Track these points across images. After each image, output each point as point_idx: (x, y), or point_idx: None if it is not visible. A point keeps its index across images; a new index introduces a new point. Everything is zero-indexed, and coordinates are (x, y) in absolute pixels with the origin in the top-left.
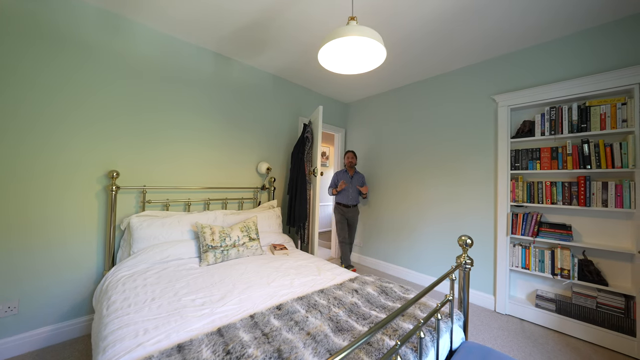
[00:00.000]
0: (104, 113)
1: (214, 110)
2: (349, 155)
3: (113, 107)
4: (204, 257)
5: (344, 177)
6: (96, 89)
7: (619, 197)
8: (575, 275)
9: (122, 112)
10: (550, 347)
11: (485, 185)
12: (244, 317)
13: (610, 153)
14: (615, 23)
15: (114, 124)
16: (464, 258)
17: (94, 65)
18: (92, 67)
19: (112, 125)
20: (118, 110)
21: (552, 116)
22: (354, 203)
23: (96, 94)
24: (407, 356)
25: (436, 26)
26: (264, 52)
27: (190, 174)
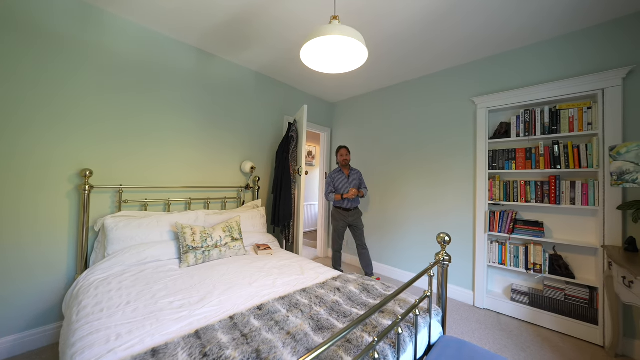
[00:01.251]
0: (76, 109)
1: (196, 107)
2: (343, 151)
3: (86, 103)
4: (184, 259)
5: (340, 178)
6: (68, 84)
7: (585, 195)
8: (547, 269)
9: (97, 109)
10: (524, 338)
11: (465, 184)
12: (224, 318)
13: (577, 154)
14: (582, 32)
15: (87, 121)
16: (442, 255)
17: (66, 59)
18: (65, 60)
19: (85, 122)
20: (92, 107)
21: (526, 118)
22: (356, 205)
23: (69, 89)
24: (386, 352)
25: (419, 29)
26: (247, 48)
27: (170, 173)
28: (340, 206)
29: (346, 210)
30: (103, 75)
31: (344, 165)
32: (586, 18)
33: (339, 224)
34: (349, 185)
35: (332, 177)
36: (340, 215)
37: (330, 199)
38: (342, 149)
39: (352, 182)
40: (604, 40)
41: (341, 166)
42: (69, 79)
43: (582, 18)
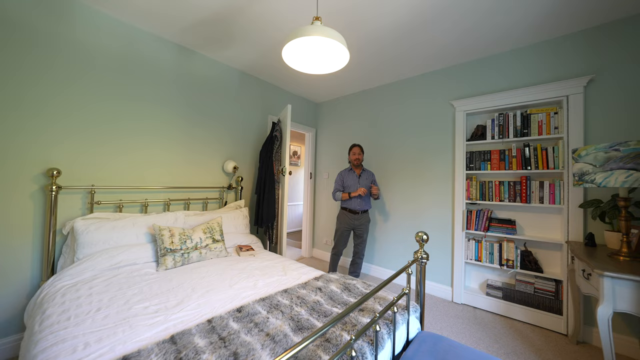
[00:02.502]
0: (44, 105)
1: (176, 104)
2: (355, 150)
3: (55, 100)
4: (162, 261)
5: (350, 178)
6: (39, 76)
7: (552, 194)
8: (518, 264)
9: (67, 105)
10: (497, 330)
11: (445, 184)
12: (201, 322)
13: (545, 156)
14: (551, 41)
15: (55, 118)
16: (420, 253)
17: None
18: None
19: (53, 118)
20: (61, 103)
21: (500, 122)
22: (365, 208)
23: (39, 82)
24: (364, 349)
25: (402, 34)
26: (230, 46)
27: (148, 173)
28: (347, 207)
29: (353, 212)
30: (74, 70)
31: (356, 165)
32: (553, 29)
33: (343, 226)
34: (359, 186)
35: (342, 176)
36: (345, 217)
37: (337, 197)
38: (355, 147)
39: (362, 183)
40: (569, 49)
41: (353, 166)
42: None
43: (550, 28)
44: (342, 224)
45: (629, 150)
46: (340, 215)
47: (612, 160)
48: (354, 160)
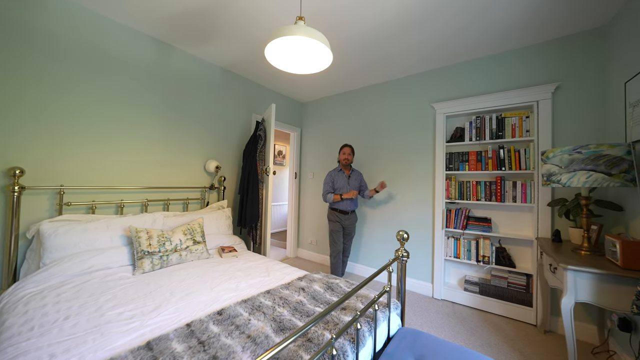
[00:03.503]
0: (9, 102)
1: (154, 101)
2: (346, 150)
3: (22, 92)
4: (139, 265)
5: (340, 179)
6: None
7: (524, 194)
8: (493, 260)
9: (33, 99)
10: (474, 323)
11: (425, 184)
12: (180, 326)
13: (518, 157)
14: (525, 49)
15: (18, 113)
16: (401, 251)
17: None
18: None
19: (16, 114)
20: (29, 96)
21: (477, 124)
22: (353, 208)
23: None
24: (345, 348)
25: (386, 36)
26: (211, 42)
27: (125, 172)
28: (337, 208)
29: (342, 212)
30: (42, 62)
31: (345, 165)
32: (525, 38)
33: (336, 226)
34: (349, 186)
35: (332, 177)
36: (335, 217)
37: (328, 199)
38: (346, 147)
39: (352, 183)
40: (539, 57)
41: (342, 166)
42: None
43: (522, 37)
44: (333, 222)
45: (589, 153)
46: (330, 216)
47: (575, 162)
48: (343, 160)
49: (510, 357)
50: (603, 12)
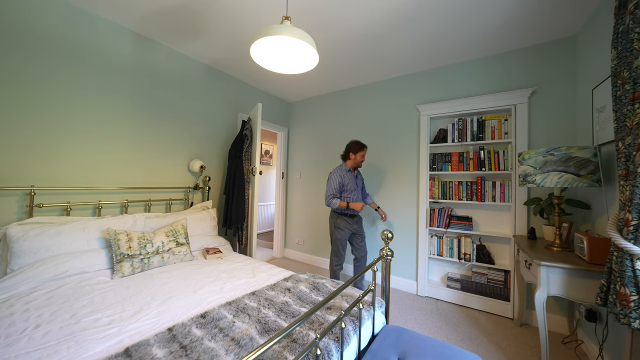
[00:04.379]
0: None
1: (135, 97)
2: (366, 151)
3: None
4: (118, 268)
5: (350, 179)
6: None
7: (502, 193)
8: (474, 258)
9: (5, 96)
10: (456, 319)
11: (410, 183)
12: (161, 331)
13: (497, 158)
14: (507, 54)
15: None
16: (385, 251)
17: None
18: None
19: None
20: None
21: (459, 126)
22: None
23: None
24: (330, 347)
25: (373, 38)
26: (197, 39)
27: (102, 172)
28: (347, 212)
29: (352, 216)
30: (16, 58)
31: (358, 165)
32: (505, 43)
33: (345, 234)
34: (357, 188)
35: (341, 177)
36: (346, 224)
37: (334, 205)
38: (366, 148)
39: (359, 183)
40: (517, 63)
41: (355, 166)
42: None
43: (502, 43)
44: (343, 230)
45: (561, 155)
46: (339, 223)
47: (548, 163)
48: (360, 163)
49: (489, 350)
50: (572, 22)
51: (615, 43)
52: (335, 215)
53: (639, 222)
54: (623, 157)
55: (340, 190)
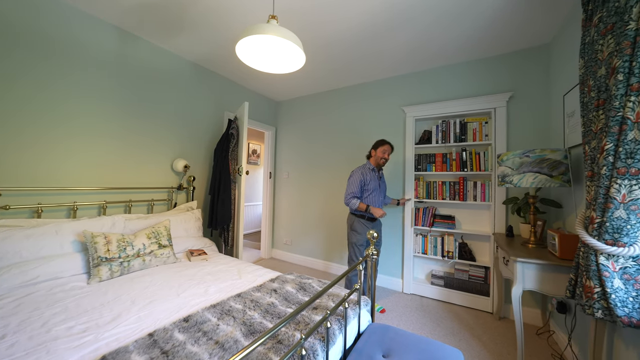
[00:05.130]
0: None
1: (116, 95)
2: (388, 147)
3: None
4: (95, 273)
5: (373, 180)
6: None
7: (483, 193)
8: (457, 255)
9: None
10: (439, 315)
11: (397, 184)
12: (141, 336)
13: (478, 159)
14: (488, 59)
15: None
16: (370, 250)
17: None
18: None
19: None
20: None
21: (443, 128)
22: None
23: None
24: (315, 347)
25: (360, 40)
26: (182, 35)
27: (79, 172)
28: (365, 215)
29: (371, 220)
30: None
31: (381, 166)
32: (486, 49)
33: (362, 239)
34: (379, 190)
35: (363, 176)
36: (364, 228)
37: (353, 206)
38: (388, 144)
39: (382, 186)
40: (498, 68)
41: (379, 165)
42: None
43: (484, 48)
44: (359, 234)
45: (536, 157)
46: (357, 226)
47: (525, 164)
48: (380, 160)
49: (470, 344)
50: (546, 32)
51: (583, 53)
52: (353, 217)
53: (602, 219)
54: (589, 159)
55: (361, 189)
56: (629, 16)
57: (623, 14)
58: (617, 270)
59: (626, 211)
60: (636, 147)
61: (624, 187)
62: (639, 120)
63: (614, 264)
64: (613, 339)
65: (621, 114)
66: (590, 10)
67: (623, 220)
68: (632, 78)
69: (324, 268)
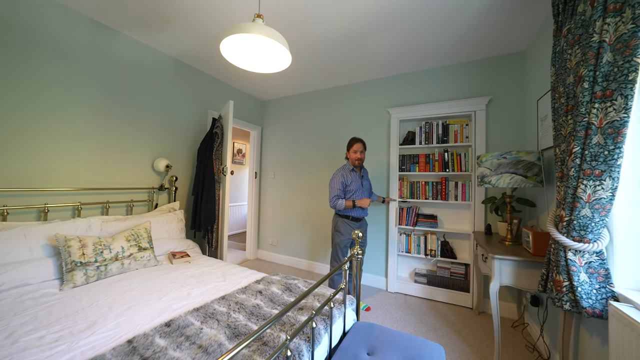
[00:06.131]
0: None
1: (92, 91)
2: (358, 147)
3: None
4: (69, 278)
5: (354, 180)
6: None
7: (463, 193)
8: (439, 253)
9: None
10: (422, 312)
11: (381, 184)
12: (120, 343)
13: (459, 160)
14: (470, 63)
15: None
16: (355, 249)
17: None
18: None
19: None
20: None
21: (426, 129)
22: (367, 213)
23: None
24: (300, 347)
25: (344, 43)
26: (165, 30)
27: (51, 172)
28: (350, 215)
29: (356, 220)
30: None
31: (359, 164)
32: (467, 54)
33: (345, 240)
34: (363, 188)
35: (343, 177)
36: (348, 228)
37: (339, 207)
38: (358, 142)
39: (365, 184)
40: (478, 72)
41: (355, 166)
42: None
43: (466, 53)
44: (343, 235)
45: (512, 158)
46: (340, 226)
47: (502, 165)
48: (355, 161)
49: (451, 338)
50: (522, 40)
51: (554, 61)
52: (337, 217)
53: (570, 218)
54: (559, 161)
55: (344, 190)
56: (593, 29)
57: (588, 27)
58: (583, 265)
59: (591, 210)
60: (599, 150)
61: (589, 188)
62: (602, 125)
63: (580, 259)
64: (579, 328)
65: (587, 119)
66: (561, 21)
67: (588, 218)
68: (596, 86)
69: (309, 268)
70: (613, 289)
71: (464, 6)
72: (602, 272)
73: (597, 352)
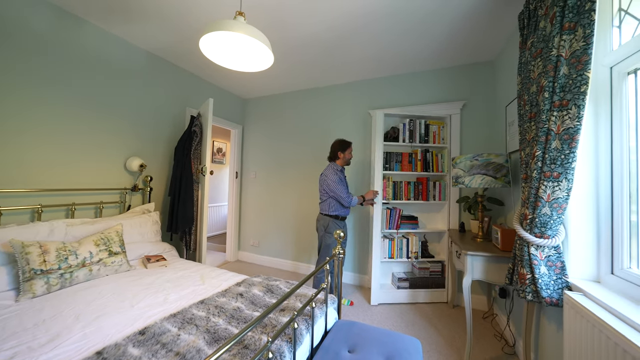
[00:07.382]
0: None
1: (56, 84)
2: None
3: None
4: (27, 288)
5: (342, 179)
6: None
7: (440, 192)
8: (420, 255)
9: None
10: (402, 309)
11: (365, 184)
12: (87, 356)
13: (437, 161)
14: (450, 69)
15: None
16: (337, 249)
17: None
18: None
19: None
20: None
21: (410, 127)
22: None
23: None
24: (282, 349)
25: (331, 44)
26: (138, 21)
27: (5, 172)
28: (340, 214)
29: (343, 219)
30: None
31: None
32: (446, 60)
33: (334, 239)
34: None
35: (338, 176)
36: (337, 227)
37: (354, 203)
38: (351, 144)
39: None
40: (454, 77)
41: (344, 165)
42: None
43: (447, 59)
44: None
45: (483, 160)
46: (332, 226)
47: (474, 167)
48: (348, 161)
49: (428, 331)
50: (491, 49)
51: (520, 71)
52: (327, 218)
53: (533, 216)
54: (524, 163)
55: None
56: (552, 44)
57: (548, 42)
58: (543, 259)
59: (550, 208)
60: (557, 154)
61: (548, 188)
62: (559, 132)
63: (541, 254)
64: (540, 317)
65: (547, 126)
66: (526, 34)
67: (548, 216)
68: (554, 96)
69: (292, 268)
70: (567, 280)
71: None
72: (559, 265)
73: (554, 337)
